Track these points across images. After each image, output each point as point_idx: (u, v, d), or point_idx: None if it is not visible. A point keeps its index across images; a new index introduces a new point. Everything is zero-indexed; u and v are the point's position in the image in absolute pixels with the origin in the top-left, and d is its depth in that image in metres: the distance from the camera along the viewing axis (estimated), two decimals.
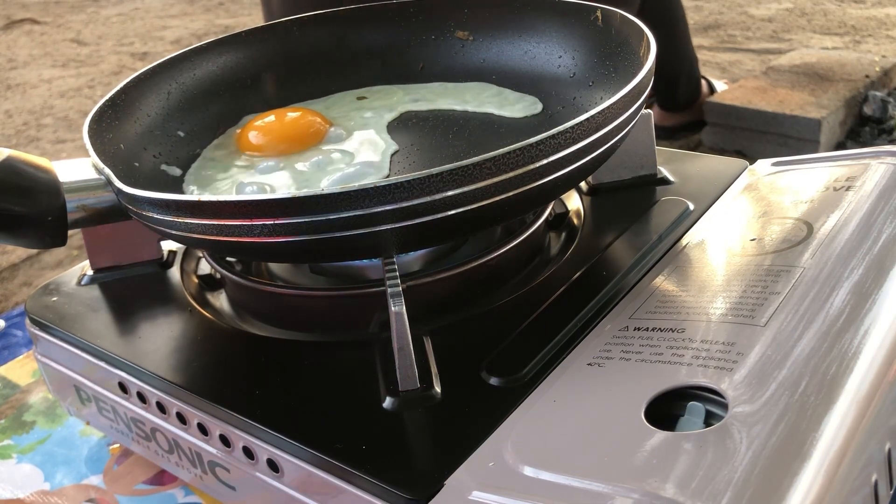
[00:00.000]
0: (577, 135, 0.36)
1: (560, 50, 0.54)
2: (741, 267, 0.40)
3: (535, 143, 0.34)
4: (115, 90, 0.49)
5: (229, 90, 0.56)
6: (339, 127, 0.51)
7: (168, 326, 0.45)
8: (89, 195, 0.43)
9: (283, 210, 0.33)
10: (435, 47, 0.58)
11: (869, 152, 0.49)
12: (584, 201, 0.50)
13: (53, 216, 0.42)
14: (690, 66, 1.89)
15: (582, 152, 0.37)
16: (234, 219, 0.34)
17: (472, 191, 0.34)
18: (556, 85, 0.53)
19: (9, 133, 2.51)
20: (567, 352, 0.37)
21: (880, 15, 2.59)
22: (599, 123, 0.37)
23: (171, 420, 0.41)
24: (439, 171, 0.33)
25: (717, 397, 0.31)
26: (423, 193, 0.33)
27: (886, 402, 0.32)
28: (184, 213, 0.36)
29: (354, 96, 0.56)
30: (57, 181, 0.42)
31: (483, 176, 0.34)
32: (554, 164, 0.36)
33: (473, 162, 0.33)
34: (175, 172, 0.50)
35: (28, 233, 0.42)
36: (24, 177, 0.42)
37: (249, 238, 0.35)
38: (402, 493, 0.31)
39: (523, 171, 0.35)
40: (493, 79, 0.56)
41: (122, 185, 0.38)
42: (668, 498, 0.27)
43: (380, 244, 0.36)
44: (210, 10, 3.74)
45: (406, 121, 0.53)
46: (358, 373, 0.38)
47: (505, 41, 0.56)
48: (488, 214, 0.36)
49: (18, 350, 1.07)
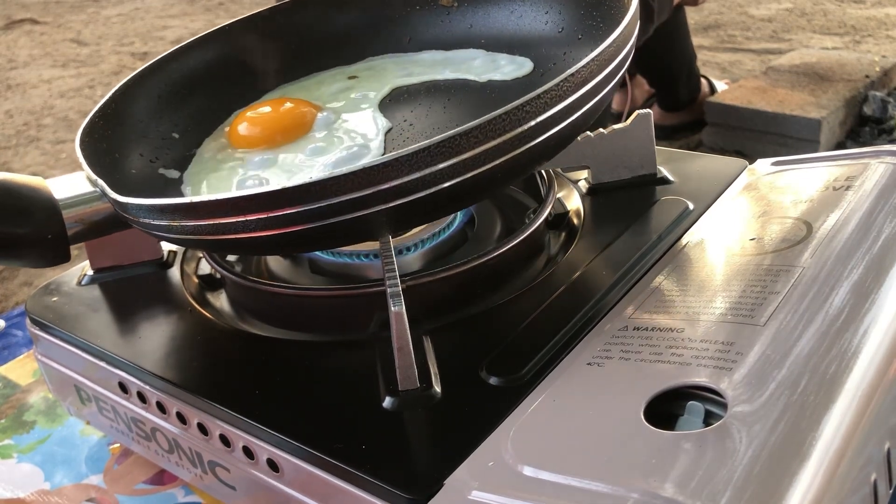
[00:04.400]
0: (563, 91, 0.35)
1: (546, 5, 0.53)
2: (741, 266, 0.40)
3: (521, 105, 0.34)
4: (104, 100, 0.49)
5: (220, 85, 0.55)
6: (330, 111, 0.51)
7: (168, 326, 0.45)
8: (86, 209, 0.43)
9: (275, 202, 0.33)
10: (420, 18, 0.57)
11: (868, 152, 0.49)
12: (583, 201, 0.50)
13: (53, 233, 0.42)
14: (690, 65, 1.90)
15: (571, 108, 0.36)
16: (227, 216, 0.34)
17: (462, 161, 0.33)
18: (545, 43, 0.52)
19: (9, 133, 2.51)
20: (567, 351, 0.37)
21: (880, 15, 2.59)
22: (585, 77, 0.36)
23: (172, 420, 0.41)
24: (426, 145, 0.32)
25: (716, 397, 0.31)
26: (413, 170, 0.33)
27: (886, 401, 0.32)
28: (179, 216, 0.36)
29: (345, 76, 0.56)
30: (52, 198, 0.42)
31: (471, 145, 0.33)
32: (544, 124, 0.35)
33: (460, 132, 0.33)
34: (173, 175, 0.50)
35: (30, 253, 0.43)
36: (19, 197, 0.42)
37: (245, 234, 0.35)
38: (402, 492, 0.31)
39: (513, 135, 0.34)
40: (481, 43, 0.55)
41: (115, 195, 0.38)
42: (667, 497, 0.27)
43: (374, 226, 0.36)
44: (210, 10, 3.74)
45: (398, 96, 0.52)
46: (358, 372, 0.38)
47: (490, 3, 0.55)
48: (482, 184, 0.35)
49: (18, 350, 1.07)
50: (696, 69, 1.93)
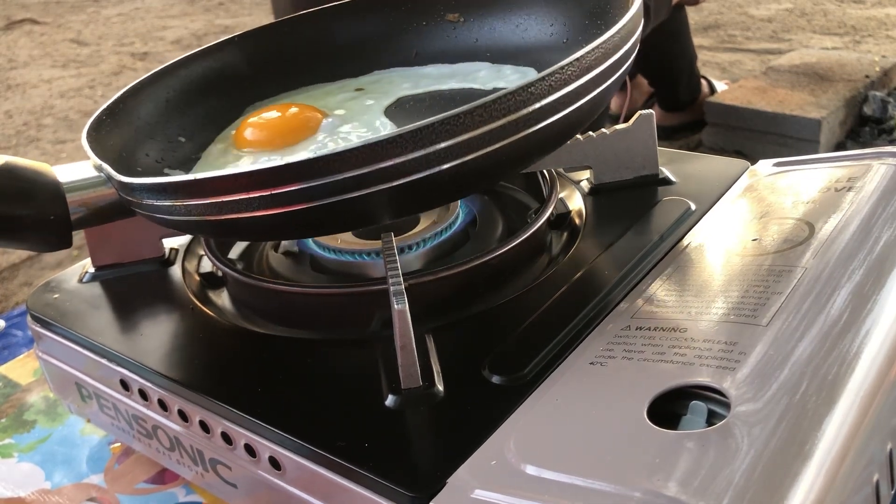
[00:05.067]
0: (568, 75, 0.35)
1: (551, 18, 0.53)
2: (743, 267, 0.40)
3: (526, 86, 0.34)
4: (112, 99, 0.49)
5: (227, 92, 0.56)
6: (335, 117, 0.51)
7: (170, 324, 0.45)
8: (90, 193, 0.43)
9: (278, 178, 0.33)
10: (427, 33, 0.57)
11: (870, 153, 0.49)
12: (585, 201, 0.50)
13: (56, 216, 0.42)
14: (691, 65, 1.90)
15: (575, 94, 0.36)
16: (230, 193, 0.34)
17: (465, 141, 0.33)
18: (550, 54, 0.52)
19: (9, 133, 2.51)
20: (569, 351, 0.37)
21: (880, 15, 2.59)
22: (590, 63, 0.36)
23: (173, 417, 0.41)
24: (430, 122, 0.32)
25: (719, 396, 0.31)
26: (416, 147, 0.32)
27: (888, 401, 0.32)
28: (181, 194, 0.36)
29: (352, 88, 0.56)
30: (57, 181, 0.43)
31: (475, 124, 0.33)
32: (547, 108, 0.35)
33: (464, 110, 0.33)
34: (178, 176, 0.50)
35: (32, 235, 0.43)
36: (23, 180, 0.42)
37: (247, 213, 0.34)
38: (405, 491, 0.31)
39: (516, 117, 0.34)
40: (487, 56, 0.55)
41: (119, 176, 0.38)
42: (670, 497, 0.27)
43: (376, 207, 0.35)
44: (210, 10, 3.74)
45: (403, 104, 0.52)
46: (360, 371, 0.38)
47: (495, 18, 0.56)
48: (484, 168, 0.35)
49: (19, 350, 1.07)
50: (697, 69, 1.93)
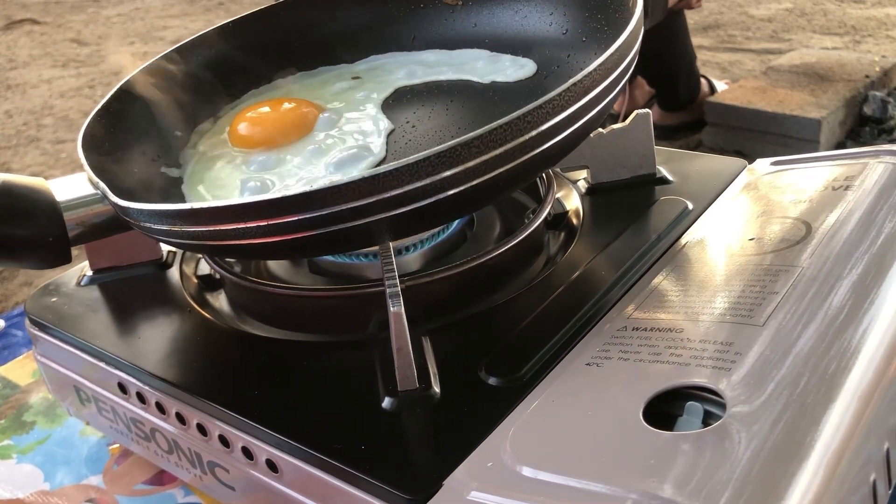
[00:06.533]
0: (566, 100, 0.35)
1: (551, 7, 0.53)
2: (740, 266, 0.40)
3: (524, 115, 0.34)
4: (105, 99, 0.49)
5: (222, 82, 0.55)
6: (332, 111, 0.51)
7: (167, 327, 0.45)
8: (87, 211, 0.43)
9: (276, 210, 0.33)
10: (425, 17, 0.57)
11: (868, 151, 0.49)
12: (582, 201, 0.50)
13: (54, 235, 0.42)
14: (690, 64, 1.90)
15: (575, 117, 0.36)
16: (228, 223, 0.34)
17: (463, 171, 0.33)
18: (549, 44, 0.52)
19: (9, 133, 2.51)
20: (566, 352, 0.37)
21: (880, 15, 2.59)
22: (589, 85, 0.36)
23: (171, 420, 0.41)
24: (426, 155, 0.32)
25: (715, 397, 0.31)
26: (414, 179, 0.32)
27: (885, 401, 0.32)
28: (180, 221, 0.36)
29: (349, 76, 0.56)
30: (54, 200, 0.42)
31: (473, 154, 0.33)
32: (546, 133, 0.35)
33: (461, 142, 0.33)
34: (174, 173, 0.50)
35: (31, 255, 0.43)
36: (20, 199, 0.42)
37: (246, 240, 0.35)
38: (401, 493, 0.31)
39: (515, 144, 0.34)
40: (486, 43, 0.55)
41: (117, 199, 0.38)
42: (665, 498, 0.27)
43: (375, 234, 0.36)
44: (210, 10, 3.74)
45: (401, 97, 0.52)
46: (356, 373, 0.38)
47: (495, 3, 0.55)
48: (484, 192, 0.35)
49: (18, 350, 1.07)
50: (696, 69, 1.93)
